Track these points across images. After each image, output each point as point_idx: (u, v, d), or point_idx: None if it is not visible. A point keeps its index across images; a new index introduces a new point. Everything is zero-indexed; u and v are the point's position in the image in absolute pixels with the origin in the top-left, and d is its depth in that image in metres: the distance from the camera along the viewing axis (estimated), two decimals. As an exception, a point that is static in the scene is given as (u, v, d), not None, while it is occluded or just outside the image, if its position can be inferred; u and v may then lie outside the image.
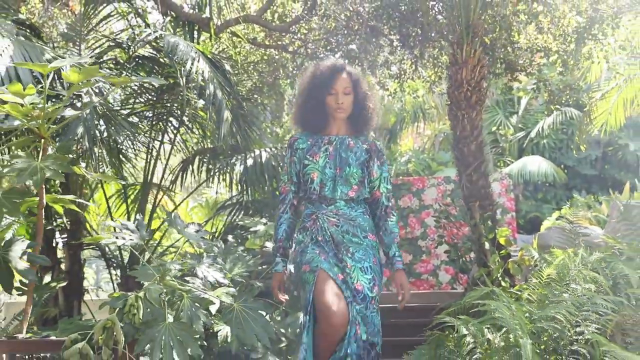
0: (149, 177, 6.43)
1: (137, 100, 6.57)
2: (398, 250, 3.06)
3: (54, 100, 3.59)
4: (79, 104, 3.90)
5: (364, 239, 3.01)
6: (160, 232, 7.34)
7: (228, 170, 6.65)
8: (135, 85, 6.33)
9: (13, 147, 2.90)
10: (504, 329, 2.76)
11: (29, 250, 2.87)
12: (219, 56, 6.33)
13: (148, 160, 6.49)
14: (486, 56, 5.92)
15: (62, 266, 5.86)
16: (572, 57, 5.98)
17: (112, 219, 6.49)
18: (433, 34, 6.54)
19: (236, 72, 7.24)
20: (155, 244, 6.97)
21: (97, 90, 4.58)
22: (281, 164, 6.13)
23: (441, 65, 7.37)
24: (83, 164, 4.40)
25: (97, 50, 6.08)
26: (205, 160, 7.08)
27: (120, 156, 5.88)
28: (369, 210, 3.13)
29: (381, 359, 2.94)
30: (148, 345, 2.55)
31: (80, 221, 5.85)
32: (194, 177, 7.35)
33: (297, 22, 7.43)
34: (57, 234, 5.79)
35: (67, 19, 8.60)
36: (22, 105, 2.74)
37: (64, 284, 4.34)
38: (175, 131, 6.74)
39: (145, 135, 6.47)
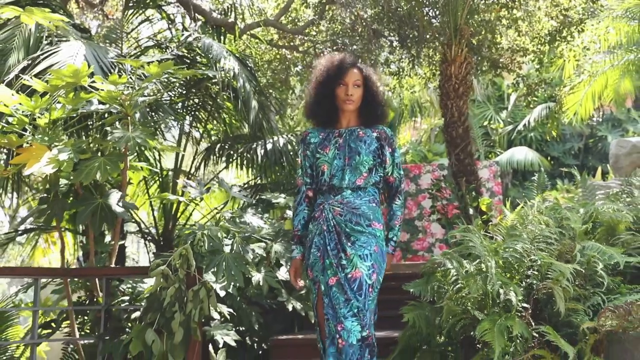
0: (179, 164, 7.17)
1: (167, 95, 7.29)
2: (396, 234, 3.14)
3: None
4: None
5: (367, 227, 2.98)
6: (184, 217, 8.00)
7: (249, 155, 7.36)
8: (165, 80, 7.07)
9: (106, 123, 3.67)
10: (478, 260, 3.55)
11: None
12: (243, 54, 7.08)
13: (178, 145, 7.21)
14: (474, 56, 6.71)
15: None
16: (546, 56, 6.76)
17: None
18: (428, 36, 7.26)
19: (255, 69, 7.97)
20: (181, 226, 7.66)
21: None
22: (296, 148, 6.86)
23: (435, 63, 8.05)
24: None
25: (136, 51, 6.81)
26: (226, 147, 7.79)
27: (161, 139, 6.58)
28: (377, 198, 3.12)
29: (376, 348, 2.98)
30: (214, 268, 3.35)
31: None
32: (215, 164, 8.04)
33: (308, 26, 8.16)
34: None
35: (100, 22, 9.39)
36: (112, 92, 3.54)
37: (122, 242, 5.09)
38: (204, 121, 7.46)
39: (178, 124, 7.19)
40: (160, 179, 7.59)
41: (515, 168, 13.24)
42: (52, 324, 4.82)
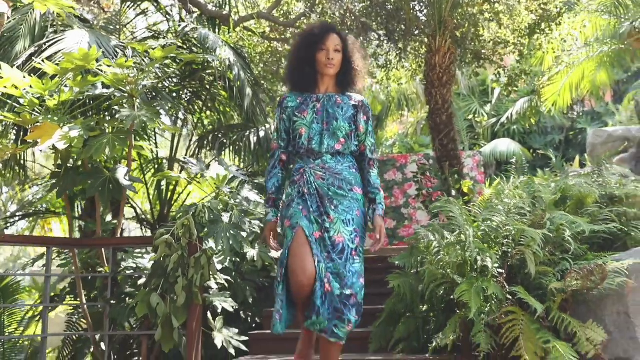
0: (175, 152, 7.39)
1: (163, 85, 7.50)
2: (381, 199, 3.11)
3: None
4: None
5: (349, 192, 3.01)
6: (177, 205, 8.22)
7: (242, 144, 7.58)
8: (164, 67, 7.27)
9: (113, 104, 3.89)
10: (457, 231, 3.81)
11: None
12: (237, 45, 7.30)
13: (173, 135, 7.43)
14: (458, 48, 6.97)
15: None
16: (526, 48, 7.04)
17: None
18: (415, 30, 7.51)
19: (249, 61, 8.19)
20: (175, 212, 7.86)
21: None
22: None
23: (421, 56, 8.30)
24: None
25: (134, 41, 7.02)
26: (220, 136, 8.01)
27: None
28: (355, 164, 3.13)
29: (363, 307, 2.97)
30: (214, 235, 3.59)
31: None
32: (209, 153, 8.25)
33: (299, 19, 8.38)
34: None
35: (96, 16, 9.56)
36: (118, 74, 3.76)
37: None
38: (199, 111, 7.68)
39: (174, 114, 7.40)
40: (156, 167, 7.82)
41: (498, 159, 13.55)
42: (56, 299, 5.05)
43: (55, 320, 6.47)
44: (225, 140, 7.94)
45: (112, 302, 3.90)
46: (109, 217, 5.61)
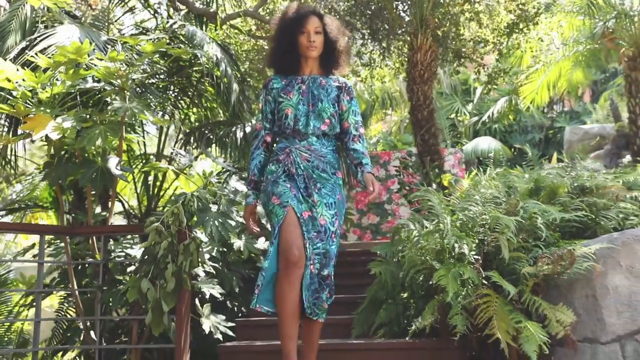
0: (162, 149, 7.48)
1: (149, 81, 7.59)
2: (368, 162, 3.14)
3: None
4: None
5: (332, 176, 3.07)
6: (164, 200, 8.32)
7: (228, 140, 7.69)
8: (148, 65, 7.36)
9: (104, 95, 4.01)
10: (436, 220, 3.97)
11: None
12: (224, 42, 7.42)
13: (160, 132, 7.52)
14: (439, 47, 7.14)
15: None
16: (505, 47, 7.24)
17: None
18: (398, 29, 7.68)
19: (235, 58, 8.31)
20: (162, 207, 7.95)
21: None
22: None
23: (404, 55, 8.50)
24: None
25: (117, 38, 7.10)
26: (206, 132, 8.11)
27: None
28: (338, 148, 3.19)
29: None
30: (202, 223, 3.72)
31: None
32: (195, 149, 8.35)
33: (285, 17, 8.49)
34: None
35: (82, 14, 9.61)
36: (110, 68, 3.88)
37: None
38: (186, 107, 7.77)
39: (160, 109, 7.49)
40: (143, 162, 7.91)
41: (479, 157, 13.78)
42: (46, 289, 5.14)
43: (44, 313, 6.53)
44: (211, 136, 8.02)
45: (103, 288, 4.01)
46: (98, 209, 5.70)
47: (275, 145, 3.21)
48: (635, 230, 3.53)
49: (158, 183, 7.32)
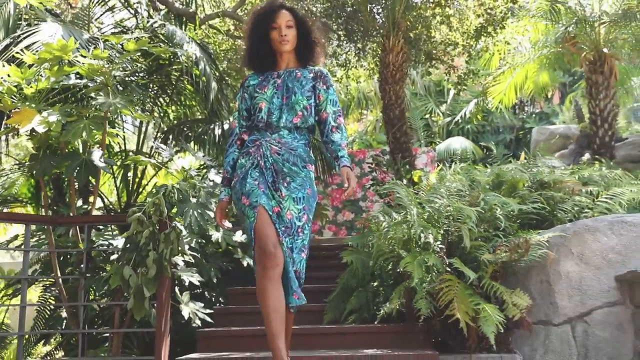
0: (141, 146, 7.60)
1: (130, 79, 7.70)
2: (344, 154, 3.04)
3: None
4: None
5: (302, 169, 3.01)
6: (142, 196, 8.42)
7: (207, 137, 7.84)
8: (129, 63, 7.48)
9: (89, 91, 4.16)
10: (404, 212, 4.19)
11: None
12: (203, 42, 7.58)
13: (140, 130, 7.65)
14: (412, 49, 7.38)
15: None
16: (474, 49, 7.51)
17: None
18: (372, 31, 7.90)
19: (214, 57, 8.45)
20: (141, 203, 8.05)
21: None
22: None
23: (379, 56, 8.74)
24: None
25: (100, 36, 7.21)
26: (185, 129, 8.24)
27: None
28: (310, 142, 3.14)
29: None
30: (182, 214, 3.89)
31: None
32: (174, 146, 8.47)
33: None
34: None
35: (61, 12, 9.68)
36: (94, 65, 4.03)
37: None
38: (165, 105, 7.89)
39: (140, 107, 7.62)
40: (123, 158, 8.02)
41: (452, 156, 14.09)
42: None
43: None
44: (190, 134, 8.17)
45: (87, 275, 4.16)
46: (79, 203, 5.83)
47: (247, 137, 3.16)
48: (586, 221, 3.80)
49: (137, 179, 7.45)
